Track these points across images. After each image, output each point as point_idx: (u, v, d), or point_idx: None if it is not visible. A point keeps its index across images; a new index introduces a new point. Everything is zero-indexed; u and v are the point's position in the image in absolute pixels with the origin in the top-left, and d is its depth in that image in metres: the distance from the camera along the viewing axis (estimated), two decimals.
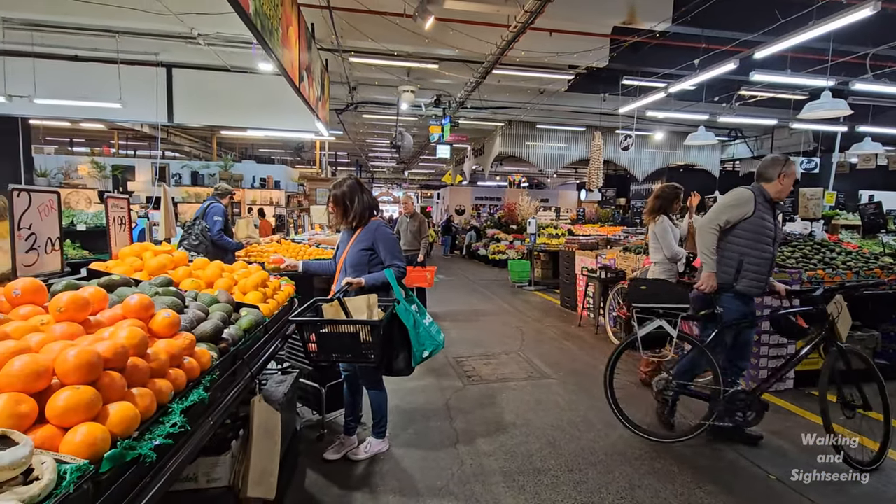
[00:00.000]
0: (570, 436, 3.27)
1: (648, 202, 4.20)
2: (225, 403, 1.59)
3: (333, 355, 2.54)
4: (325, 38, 7.48)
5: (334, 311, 2.64)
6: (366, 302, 2.61)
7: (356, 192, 2.83)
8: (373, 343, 2.43)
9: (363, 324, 2.44)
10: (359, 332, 2.44)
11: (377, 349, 2.44)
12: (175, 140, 15.16)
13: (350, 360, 2.57)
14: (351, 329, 2.45)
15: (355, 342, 2.46)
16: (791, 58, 7.48)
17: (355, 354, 2.50)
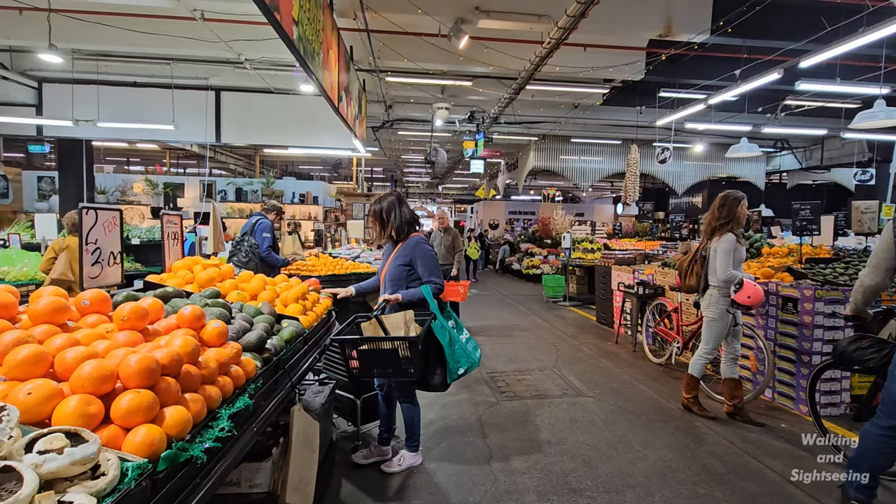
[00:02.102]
0: (607, 456, 3.18)
1: (708, 216, 3.78)
2: (267, 411, 1.66)
3: (375, 371, 2.57)
4: (363, 60, 7.75)
5: (373, 329, 2.69)
6: (402, 318, 2.66)
7: (394, 207, 2.90)
8: (412, 358, 2.46)
9: (401, 340, 2.48)
10: (397, 347, 2.48)
11: (416, 364, 2.47)
12: (221, 158, 15.94)
13: (391, 375, 2.59)
14: (389, 345, 2.49)
15: (394, 358, 2.50)
16: (840, 65, 7.17)
17: (395, 370, 2.53)
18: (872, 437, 2.35)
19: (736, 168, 14.94)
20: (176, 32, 6.56)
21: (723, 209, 3.67)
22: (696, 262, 3.92)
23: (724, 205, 3.68)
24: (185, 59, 7.85)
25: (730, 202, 3.67)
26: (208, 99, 8.69)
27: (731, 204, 3.66)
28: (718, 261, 3.60)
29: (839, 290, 3.91)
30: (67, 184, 9.62)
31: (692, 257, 3.99)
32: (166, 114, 8.08)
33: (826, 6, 6.04)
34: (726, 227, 3.64)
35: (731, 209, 3.65)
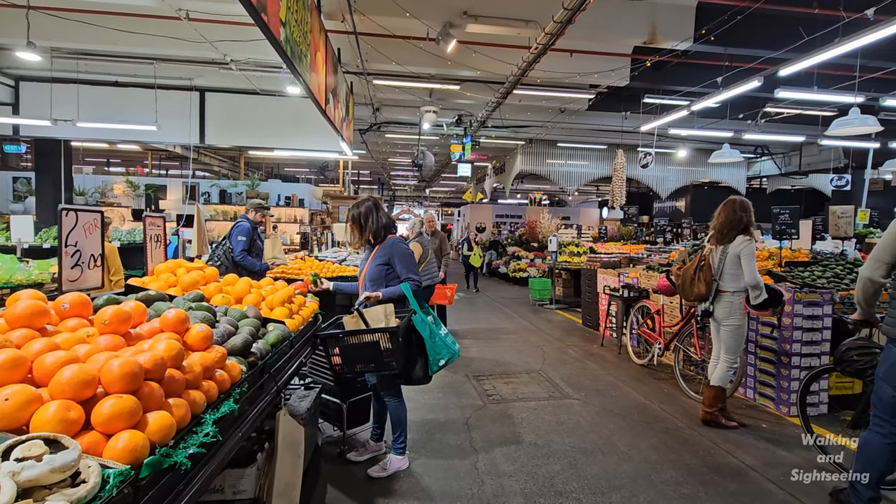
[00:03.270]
0: (593, 458, 3.21)
1: (723, 218, 3.63)
2: (253, 416, 1.64)
3: (357, 366, 2.63)
4: (351, 62, 7.72)
5: (354, 323, 2.75)
6: (383, 311, 2.72)
7: (372, 212, 2.98)
8: (393, 350, 2.53)
9: (382, 331, 2.54)
10: (379, 340, 2.54)
11: (398, 356, 2.54)
12: (205, 160, 15.73)
13: (373, 369, 2.65)
14: (371, 338, 2.55)
15: (376, 351, 2.56)
16: (818, 74, 7.37)
17: (377, 363, 2.60)
18: (877, 445, 2.34)
19: (718, 173, 15.23)
20: (160, 32, 6.46)
21: (745, 213, 3.57)
22: (701, 270, 3.76)
23: (744, 209, 3.58)
24: (169, 59, 7.73)
25: (748, 207, 3.60)
26: (192, 99, 8.57)
27: (748, 208, 3.60)
28: (746, 265, 3.47)
29: (817, 292, 4.01)
30: (44, 185, 9.39)
31: (697, 265, 3.82)
32: (149, 114, 7.95)
33: (804, 17, 6.20)
34: (745, 230, 3.57)
35: (749, 213, 3.59)
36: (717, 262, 3.68)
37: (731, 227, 3.60)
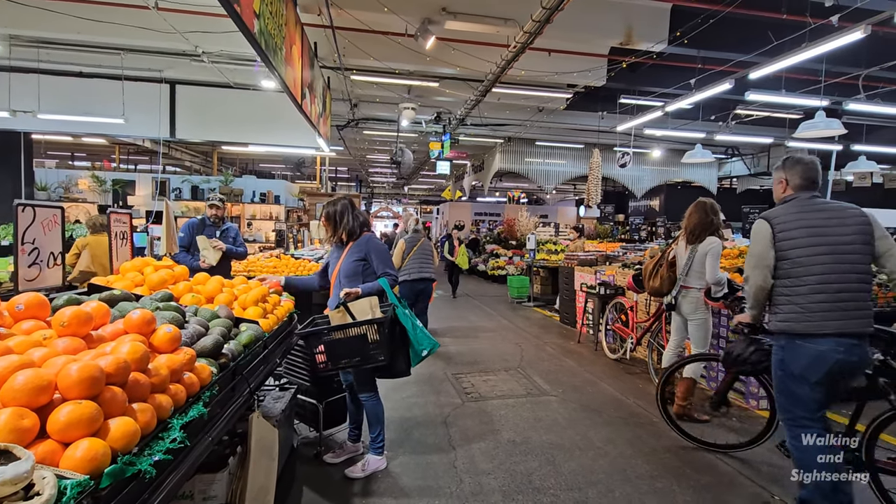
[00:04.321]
0: (570, 454, 3.24)
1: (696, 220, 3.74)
2: (224, 419, 1.58)
3: (343, 361, 2.63)
4: (328, 57, 7.60)
5: (340, 318, 2.72)
6: (368, 304, 2.74)
7: (347, 210, 2.98)
8: (380, 342, 2.56)
9: (369, 323, 2.56)
10: (366, 332, 2.56)
11: (385, 347, 2.57)
12: (175, 155, 15.27)
13: (359, 363, 2.65)
14: (358, 331, 2.57)
15: (363, 344, 2.58)
16: (785, 78, 7.61)
17: (364, 356, 2.61)
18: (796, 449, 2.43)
19: (691, 173, 15.61)
20: (127, 21, 6.22)
21: (716, 216, 3.70)
22: (661, 266, 3.97)
23: (715, 212, 3.71)
24: (137, 50, 7.45)
25: (717, 209, 3.74)
26: (162, 92, 8.29)
27: (718, 211, 3.75)
28: (710, 264, 3.60)
29: None
30: (3, 179, 8.95)
31: (657, 261, 4.06)
32: (115, 107, 7.66)
33: (773, 22, 6.39)
34: (715, 232, 3.70)
35: (719, 216, 3.74)
36: (684, 260, 3.79)
37: (703, 228, 3.72)
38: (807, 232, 2.38)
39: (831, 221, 2.39)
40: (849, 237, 2.34)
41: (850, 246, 2.33)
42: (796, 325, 2.35)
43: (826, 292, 2.31)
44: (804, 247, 2.37)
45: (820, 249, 2.35)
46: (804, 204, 2.46)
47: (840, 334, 2.27)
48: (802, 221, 2.41)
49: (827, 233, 2.36)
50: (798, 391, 2.38)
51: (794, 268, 2.39)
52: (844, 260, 2.32)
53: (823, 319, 2.29)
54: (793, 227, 2.41)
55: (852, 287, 2.30)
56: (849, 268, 2.32)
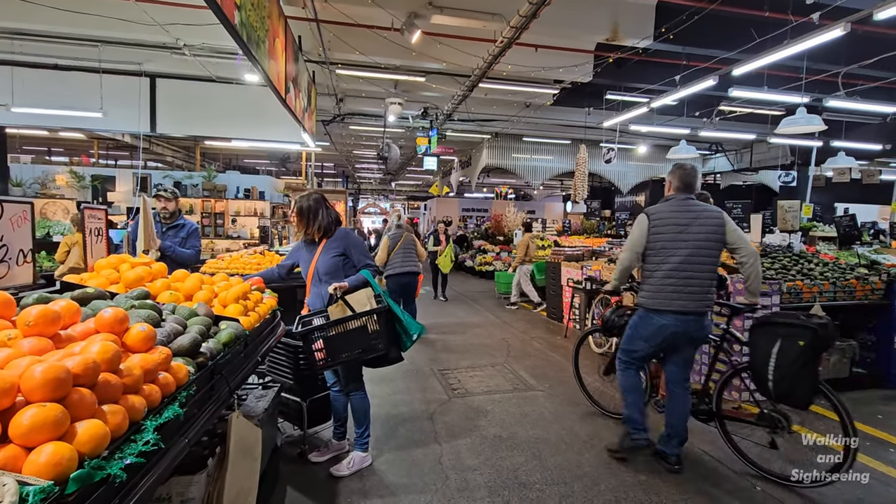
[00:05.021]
0: (556, 448, 3.25)
1: None
2: (202, 420, 1.54)
3: (343, 354, 2.64)
4: (313, 50, 7.50)
5: (340, 312, 2.74)
6: (365, 295, 2.76)
7: (321, 206, 2.94)
8: (380, 331, 2.61)
9: (369, 314, 2.60)
10: (366, 323, 2.60)
11: (384, 336, 2.62)
12: (157, 150, 14.97)
13: (360, 354, 2.67)
14: (359, 323, 2.60)
15: (363, 334, 2.62)
16: (768, 75, 7.71)
17: (364, 347, 2.64)
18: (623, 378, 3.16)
19: None
20: (105, 13, 6.04)
21: None
22: None
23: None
24: (116, 42, 7.26)
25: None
26: (142, 85, 8.09)
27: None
28: None
29: (766, 283, 4.19)
30: None
31: None
32: (93, 100, 7.46)
33: (755, 19, 6.46)
34: None
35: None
36: None
37: None
38: (673, 228, 2.90)
39: (694, 221, 2.88)
40: (704, 234, 2.85)
41: (705, 242, 2.85)
42: (649, 301, 2.95)
43: (675, 278, 2.86)
44: (668, 240, 2.89)
45: (679, 244, 2.87)
46: (679, 204, 2.95)
47: (680, 312, 2.85)
48: (672, 219, 2.92)
49: (688, 230, 2.87)
50: (638, 347, 3.07)
51: (656, 255, 2.93)
52: (697, 253, 2.85)
53: (668, 299, 2.87)
54: (664, 224, 2.93)
55: (698, 275, 2.85)
56: (700, 259, 2.85)
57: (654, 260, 2.94)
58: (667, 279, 2.88)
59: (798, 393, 2.69)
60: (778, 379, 2.72)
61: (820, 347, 2.64)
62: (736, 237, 2.88)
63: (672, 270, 2.87)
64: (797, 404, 2.76)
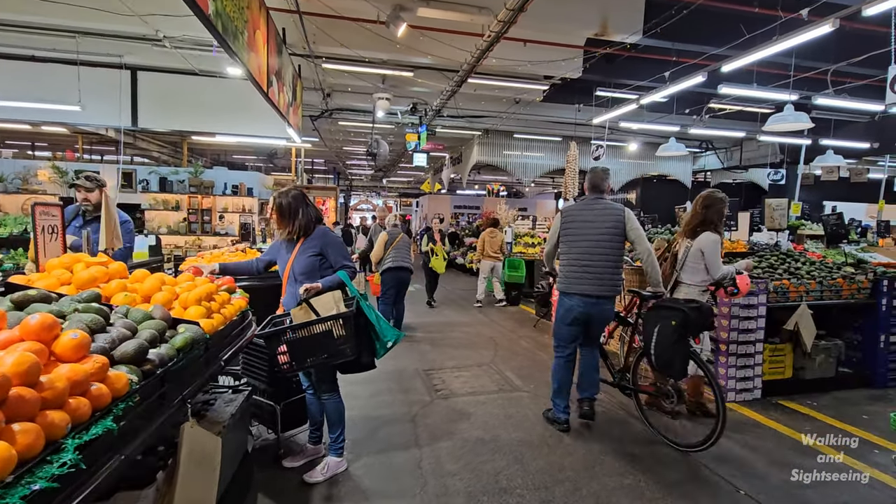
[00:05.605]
0: (539, 452, 3.17)
1: (690, 214, 3.69)
2: (148, 432, 1.44)
3: (308, 359, 2.53)
4: (297, 44, 7.35)
5: (303, 315, 2.61)
6: (332, 298, 2.64)
7: (301, 204, 2.83)
8: (347, 336, 2.50)
9: (335, 318, 2.48)
10: (332, 328, 2.48)
11: (351, 341, 2.50)
12: (142, 145, 14.71)
13: (326, 359, 2.56)
14: (323, 327, 2.48)
15: (329, 339, 2.50)
16: (757, 72, 7.68)
17: (331, 352, 2.52)
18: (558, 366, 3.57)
19: (666, 167, 15.77)
20: (81, 2, 5.85)
21: (708, 210, 3.57)
22: (665, 260, 3.85)
23: (709, 205, 3.58)
24: (94, 33, 7.06)
25: (717, 203, 3.59)
26: (123, 78, 7.89)
27: (718, 204, 3.59)
28: (709, 260, 3.49)
29: (753, 282, 4.13)
30: None
31: (661, 254, 3.92)
32: (71, 93, 7.25)
33: (745, 15, 6.41)
34: (710, 227, 3.56)
35: (719, 210, 3.58)
36: (681, 254, 3.66)
37: (697, 222, 3.59)
38: (579, 224, 3.42)
39: (598, 217, 3.35)
40: (604, 229, 3.32)
41: (605, 236, 3.32)
42: (561, 285, 3.48)
43: (577, 266, 3.37)
44: (573, 233, 3.42)
45: (582, 236, 3.38)
46: (587, 203, 3.46)
47: (582, 294, 3.33)
48: (580, 216, 3.43)
49: (591, 225, 3.36)
50: (560, 330, 3.54)
51: (566, 246, 3.47)
52: (597, 245, 3.32)
53: (572, 283, 3.38)
54: (572, 220, 3.46)
55: (599, 264, 3.31)
56: (599, 250, 3.32)
57: (564, 249, 3.48)
58: (571, 266, 3.40)
59: (674, 364, 3.12)
60: (659, 353, 3.17)
61: (689, 326, 3.06)
62: (634, 235, 3.32)
63: (575, 259, 3.38)
64: (674, 374, 3.23)
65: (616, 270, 3.35)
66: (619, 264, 3.37)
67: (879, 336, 4.47)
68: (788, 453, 3.21)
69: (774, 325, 4.24)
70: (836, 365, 4.42)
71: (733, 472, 2.94)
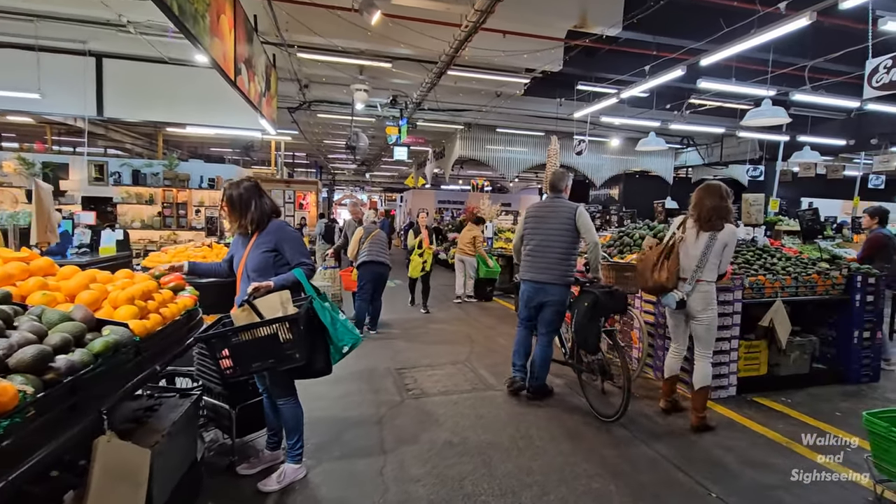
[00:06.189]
0: (508, 454, 3.07)
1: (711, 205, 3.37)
2: (50, 450, 1.28)
3: (254, 365, 2.37)
4: (270, 32, 7.10)
5: (246, 317, 2.42)
6: (278, 299, 2.44)
7: (255, 196, 2.65)
8: (295, 340, 2.32)
9: (280, 321, 2.30)
10: (277, 331, 2.31)
11: (301, 346, 2.33)
12: (115, 136, 14.24)
13: (273, 365, 2.39)
14: (268, 330, 2.31)
15: (275, 344, 2.32)
16: (736, 67, 7.67)
17: (278, 357, 2.35)
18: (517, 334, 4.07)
19: (649, 162, 15.82)
20: None
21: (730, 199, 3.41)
22: (668, 258, 3.43)
23: (729, 194, 3.41)
24: (53, 17, 6.71)
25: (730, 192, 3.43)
26: (87, 66, 7.55)
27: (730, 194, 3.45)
28: (728, 254, 3.38)
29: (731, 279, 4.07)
30: None
31: (662, 251, 3.48)
32: (30, 80, 6.92)
33: (724, 8, 6.35)
34: (730, 219, 3.41)
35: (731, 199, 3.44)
36: (699, 250, 3.37)
37: (720, 214, 3.37)
38: (535, 220, 3.86)
39: (551, 214, 3.77)
40: (557, 224, 3.72)
41: (556, 230, 3.72)
42: (520, 273, 3.96)
43: (532, 256, 3.82)
44: (532, 227, 3.86)
45: (537, 231, 3.81)
46: (547, 202, 3.90)
47: (531, 280, 3.81)
48: (538, 212, 3.88)
49: (545, 221, 3.79)
50: (521, 311, 4.00)
51: (526, 239, 3.90)
52: (549, 238, 3.75)
53: (525, 271, 3.87)
54: (531, 216, 3.90)
55: (549, 255, 3.73)
56: (549, 243, 3.74)
57: (525, 243, 3.90)
58: (528, 257, 3.84)
59: (588, 341, 3.53)
60: (577, 329, 3.58)
61: (598, 308, 3.45)
62: (584, 229, 3.68)
63: (531, 251, 3.81)
64: (588, 350, 3.63)
65: (565, 260, 3.71)
66: (569, 256, 3.72)
67: (853, 332, 4.47)
68: (762, 453, 3.15)
69: (749, 321, 4.19)
70: (810, 361, 4.41)
71: (706, 474, 2.87)
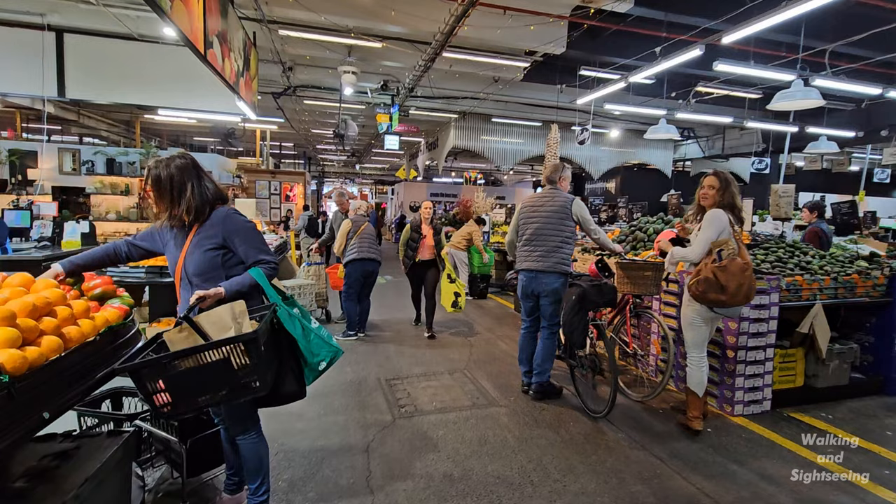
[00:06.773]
0: (520, 491, 2.55)
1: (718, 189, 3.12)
2: None
3: (200, 399, 1.76)
4: (248, 5, 6.48)
5: (185, 339, 1.82)
6: (229, 313, 1.83)
7: (191, 177, 2.02)
8: (253, 365, 1.72)
9: (233, 341, 1.69)
10: (229, 355, 1.70)
11: (262, 371, 1.74)
12: (89, 123, 13.45)
13: (226, 397, 1.79)
14: (217, 354, 1.69)
15: (227, 370, 1.71)
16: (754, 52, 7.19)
17: (232, 388, 1.75)
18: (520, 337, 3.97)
19: (647, 155, 15.37)
20: None
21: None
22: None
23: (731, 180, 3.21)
24: None
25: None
26: (46, 41, 6.85)
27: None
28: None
29: (764, 278, 3.59)
30: None
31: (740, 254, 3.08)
32: None
33: None
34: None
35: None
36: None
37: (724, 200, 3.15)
38: (530, 210, 3.77)
39: (546, 203, 3.69)
40: (551, 213, 3.65)
41: (551, 218, 3.64)
42: (517, 263, 3.83)
43: (528, 246, 3.72)
44: (527, 218, 3.78)
45: (532, 222, 3.73)
46: (543, 194, 3.77)
47: (527, 269, 3.70)
48: (534, 203, 3.77)
49: (539, 211, 3.71)
50: (522, 303, 3.88)
51: (521, 231, 3.80)
52: (543, 228, 3.66)
53: (521, 261, 3.76)
54: (527, 207, 3.81)
55: (544, 244, 3.63)
56: (545, 231, 3.65)
57: (520, 234, 3.81)
58: (524, 247, 3.76)
59: (575, 334, 3.47)
60: (565, 322, 3.53)
61: (584, 301, 3.41)
62: (581, 217, 3.65)
63: (526, 240, 3.74)
64: (576, 343, 3.54)
65: (561, 249, 3.60)
66: (564, 244, 3.61)
67: (895, 338, 4.02)
68: (815, 489, 2.68)
69: (783, 327, 3.72)
70: (849, 371, 3.95)
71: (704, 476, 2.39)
